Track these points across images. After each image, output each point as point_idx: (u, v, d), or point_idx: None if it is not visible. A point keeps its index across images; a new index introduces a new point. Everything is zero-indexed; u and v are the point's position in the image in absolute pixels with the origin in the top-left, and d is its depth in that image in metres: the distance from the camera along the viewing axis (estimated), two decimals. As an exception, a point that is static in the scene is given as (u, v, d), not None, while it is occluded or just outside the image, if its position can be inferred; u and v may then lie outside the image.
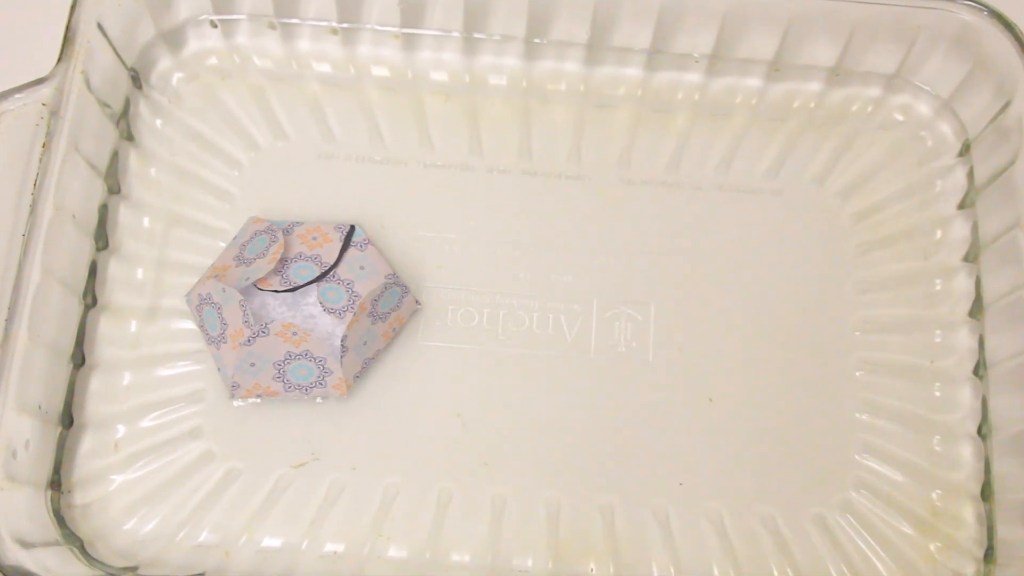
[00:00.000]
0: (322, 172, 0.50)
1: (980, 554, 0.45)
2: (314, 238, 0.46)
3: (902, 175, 0.51)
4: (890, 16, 0.48)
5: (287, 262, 0.46)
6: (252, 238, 0.46)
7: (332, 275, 0.46)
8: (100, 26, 0.47)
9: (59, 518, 0.43)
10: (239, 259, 0.45)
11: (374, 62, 0.52)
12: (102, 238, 0.47)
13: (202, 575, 0.43)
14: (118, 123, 0.48)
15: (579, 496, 0.45)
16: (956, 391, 0.47)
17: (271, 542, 0.44)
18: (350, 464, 0.45)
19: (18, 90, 0.44)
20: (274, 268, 0.45)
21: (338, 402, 0.46)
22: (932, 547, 0.45)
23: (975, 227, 0.49)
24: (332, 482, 0.45)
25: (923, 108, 0.51)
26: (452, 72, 0.52)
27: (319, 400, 0.46)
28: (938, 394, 0.47)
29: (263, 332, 0.42)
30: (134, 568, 0.42)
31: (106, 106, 0.47)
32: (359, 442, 0.45)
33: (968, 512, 0.45)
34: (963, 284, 0.49)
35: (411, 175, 0.50)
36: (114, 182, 0.48)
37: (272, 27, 0.51)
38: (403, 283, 0.46)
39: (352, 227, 0.47)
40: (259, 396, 0.45)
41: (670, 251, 0.49)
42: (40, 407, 0.43)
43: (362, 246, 0.47)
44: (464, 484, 0.45)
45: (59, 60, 0.45)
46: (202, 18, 0.51)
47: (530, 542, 0.44)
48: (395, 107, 0.51)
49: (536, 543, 0.44)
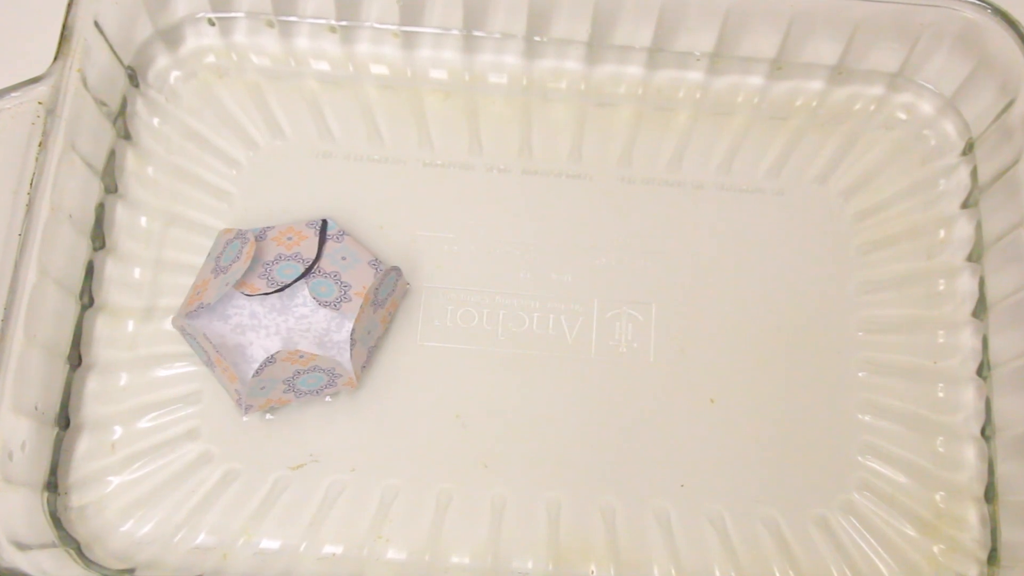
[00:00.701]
0: (320, 171, 0.49)
1: (984, 556, 0.44)
2: (289, 238, 0.46)
3: (905, 174, 0.51)
4: (893, 14, 0.48)
5: (269, 265, 0.46)
6: (225, 248, 0.46)
7: (317, 270, 0.46)
8: (97, 24, 0.46)
9: (56, 520, 0.43)
10: (216, 270, 0.45)
11: (373, 60, 0.51)
12: (99, 238, 0.47)
13: (200, 577, 0.43)
14: (115, 122, 0.48)
15: (580, 497, 0.45)
16: (960, 392, 0.47)
17: (269, 544, 0.44)
18: (349, 465, 0.45)
19: (14, 88, 0.44)
20: (257, 272, 0.45)
21: (337, 403, 0.45)
22: (935, 549, 0.45)
23: (979, 226, 0.49)
24: (331, 483, 0.45)
25: (926, 107, 0.51)
26: (452, 70, 0.51)
27: (328, 399, 0.46)
28: (941, 395, 0.47)
29: (270, 362, 0.42)
30: (131, 570, 0.42)
31: (103, 104, 0.47)
32: (358, 443, 0.45)
33: (972, 514, 0.45)
34: (967, 284, 0.48)
35: (410, 174, 0.50)
36: (111, 181, 0.48)
37: (270, 25, 0.51)
38: (392, 265, 0.46)
39: (324, 221, 0.47)
40: (271, 409, 0.45)
41: (671, 251, 0.49)
42: (36, 408, 0.42)
43: (339, 237, 0.47)
44: (464, 485, 0.45)
45: (55, 58, 0.45)
46: (200, 16, 0.50)
47: (530, 544, 0.44)
48: (394, 105, 0.51)
49: (536, 545, 0.44)
